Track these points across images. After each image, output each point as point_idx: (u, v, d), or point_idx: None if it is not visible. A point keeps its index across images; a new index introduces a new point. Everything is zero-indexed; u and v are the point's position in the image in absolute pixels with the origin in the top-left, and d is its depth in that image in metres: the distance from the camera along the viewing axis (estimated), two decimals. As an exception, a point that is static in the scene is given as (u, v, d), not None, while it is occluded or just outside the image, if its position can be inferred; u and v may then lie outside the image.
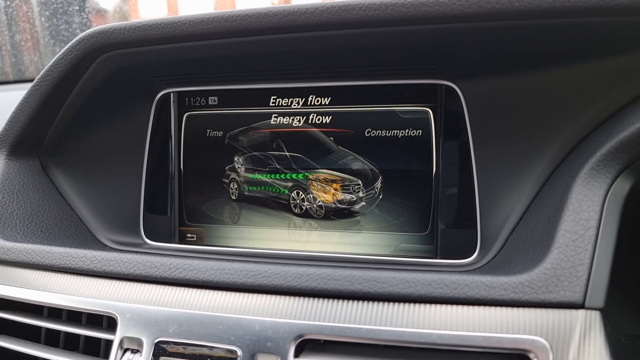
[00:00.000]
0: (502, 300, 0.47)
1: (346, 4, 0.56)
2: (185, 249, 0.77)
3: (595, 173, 0.50)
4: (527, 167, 0.62)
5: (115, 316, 0.57)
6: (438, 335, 0.47)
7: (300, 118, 0.72)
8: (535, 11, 0.51)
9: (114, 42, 0.65)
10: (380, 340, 0.48)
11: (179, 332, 0.54)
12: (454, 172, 0.66)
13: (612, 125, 0.54)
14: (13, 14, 1.62)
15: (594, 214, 0.48)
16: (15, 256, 0.65)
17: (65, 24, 1.60)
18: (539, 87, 0.61)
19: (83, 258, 0.62)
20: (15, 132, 0.73)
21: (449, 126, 0.66)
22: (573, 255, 0.47)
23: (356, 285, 0.51)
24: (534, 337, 0.45)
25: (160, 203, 0.79)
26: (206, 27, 0.61)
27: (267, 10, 0.59)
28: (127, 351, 0.56)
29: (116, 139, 0.79)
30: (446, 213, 0.66)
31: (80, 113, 0.74)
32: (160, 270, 0.58)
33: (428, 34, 0.58)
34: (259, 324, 0.52)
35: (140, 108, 0.78)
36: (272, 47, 0.64)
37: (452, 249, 0.66)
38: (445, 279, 0.49)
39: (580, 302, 0.45)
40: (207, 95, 0.76)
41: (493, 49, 0.59)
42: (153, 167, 0.79)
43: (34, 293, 0.62)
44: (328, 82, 0.71)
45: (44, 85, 0.69)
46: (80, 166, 0.79)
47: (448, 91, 0.66)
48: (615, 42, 0.54)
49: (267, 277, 0.54)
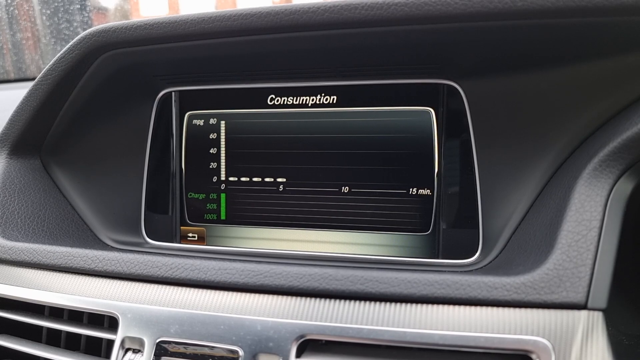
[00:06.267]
0: (504, 300, 0.47)
1: (348, 4, 0.56)
2: (187, 249, 0.77)
3: (598, 173, 0.50)
4: (530, 167, 0.62)
5: (116, 316, 0.56)
6: (440, 335, 0.47)
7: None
8: (538, 11, 0.51)
9: (115, 41, 0.65)
10: (382, 340, 0.48)
11: (181, 332, 0.54)
12: (456, 172, 0.66)
13: (615, 125, 0.53)
14: (14, 13, 1.62)
15: (597, 214, 0.48)
16: (16, 255, 0.65)
17: (66, 23, 1.60)
18: (542, 86, 0.60)
19: (84, 257, 0.61)
20: (17, 131, 0.73)
21: (451, 126, 0.66)
22: (575, 255, 0.47)
23: (358, 285, 0.50)
24: (536, 337, 0.45)
25: (162, 202, 0.79)
26: (207, 26, 0.61)
27: (269, 10, 0.59)
28: (129, 351, 0.56)
29: (117, 138, 0.79)
30: (448, 213, 0.66)
31: (82, 112, 0.74)
32: (161, 270, 0.58)
33: (430, 34, 0.57)
34: (261, 324, 0.51)
35: (142, 107, 0.78)
36: (273, 46, 0.64)
37: (454, 249, 0.66)
38: (447, 279, 0.49)
39: (583, 303, 0.45)
40: (208, 95, 0.76)
41: (495, 49, 0.59)
42: (154, 166, 0.79)
43: (35, 292, 0.62)
44: (330, 81, 0.71)
45: (45, 84, 0.69)
46: (81, 165, 0.79)
47: (450, 91, 0.66)
48: (618, 42, 0.54)
49: (269, 277, 0.54)
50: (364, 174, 0.70)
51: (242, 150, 0.75)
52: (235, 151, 0.75)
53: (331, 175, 0.71)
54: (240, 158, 0.75)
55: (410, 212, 0.68)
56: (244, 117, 0.75)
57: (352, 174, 0.70)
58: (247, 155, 0.75)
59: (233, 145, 0.75)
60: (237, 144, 0.75)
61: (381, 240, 0.69)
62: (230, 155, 0.75)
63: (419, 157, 0.67)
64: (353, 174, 0.70)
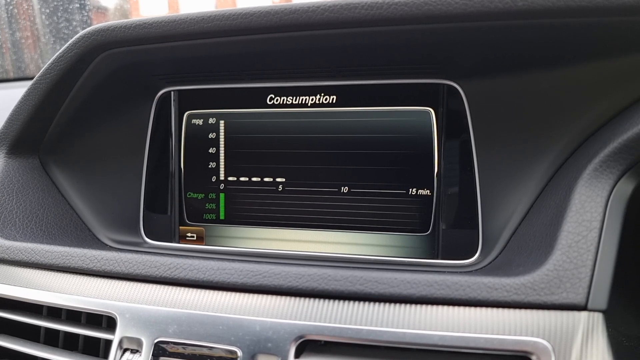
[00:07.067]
0: (504, 301, 0.47)
1: (348, 3, 0.56)
2: (186, 249, 0.77)
3: (598, 174, 0.50)
4: (530, 168, 0.62)
5: (114, 316, 0.56)
6: (439, 336, 0.47)
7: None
8: (538, 11, 0.51)
9: (114, 40, 0.65)
10: (382, 341, 0.48)
11: (179, 332, 0.53)
12: (456, 172, 0.66)
13: (616, 125, 0.53)
14: (14, 12, 1.62)
15: (597, 215, 0.48)
16: (14, 255, 0.65)
17: (65, 22, 1.60)
18: (542, 87, 0.60)
19: (83, 257, 0.61)
20: (15, 130, 0.72)
21: (451, 126, 0.66)
22: (576, 256, 0.47)
23: (357, 285, 0.50)
24: (536, 338, 0.45)
25: (161, 202, 0.79)
26: (207, 25, 0.61)
27: (269, 9, 0.58)
28: (127, 351, 0.56)
29: (116, 138, 0.79)
30: (448, 213, 0.66)
31: (80, 111, 0.74)
32: (160, 269, 0.58)
33: (430, 34, 0.57)
34: (260, 324, 0.51)
35: (141, 106, 0.78)
36: (273, 46, 0.63)
37: (454, 250, 0.66)
38: (446, 280, 0.49)
39: (583, 304, 0.45)
40: (208, 94, 0.76)
41: (496, 49, 0.59)
42: (153, 166, 0.79)
43: (33, 292, 0.61)
44: (329, 81, 0.70)
45: (44, 83, 0.69)
46: (80, 165, 0.79)
47: (450, 91, 0.66)
48: (619, 42, 0.54)
49: (268, 277, 0.53)
50: (363, 174, 0.69)
51: (242, 150, 0.75)
52: (235, 151, 0.75)
53: (330, 175, 0.70)
54: (239, 158, 0.75)
55: (409, 213, 0.68)
56: (243, 116, 0.74)
57: (351, 174, 0.70)
58: (246, 155, 0.74)
59: (232, 144, 0.75)
60: (236, 144, 0.75)
61: (380, 240, 0.69)
62: (230, 155, 0.75)
63: (418, 157, 0.67)
64: (352, 174, 0.70)
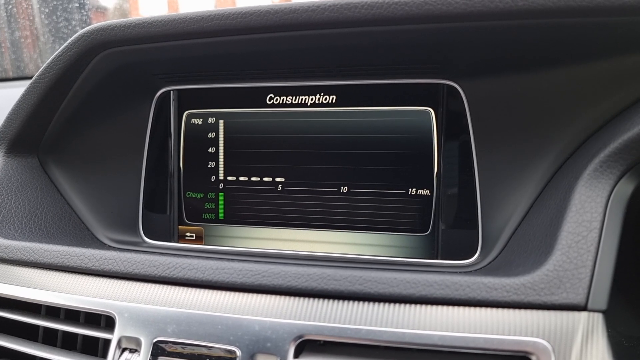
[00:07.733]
0: (504, 301, 0.47)
1: (348, 2, 0.56)
2: (185, 248, 0.77)
3: (599, 174, 0.50)
4: (530, 168, 0.62)
5: (113, 315, 0.56)
6: (439, 336, 0.47)
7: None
8: (539, 11, 0.51)
9: (113, 39, 0.65)
10: (381, 341, 0.48)
11: (178, 331, 0.53)
12: (456, 172, 0.66)
13: (616, 126, 0.53)
14: (13, 11, 1.61)
15: (597, 215, 0.48)
16: (13, 254, 0.64)
17: (64, 21, 1.59)
18: (542, 87, 0.60)
19: (81, 256, 0.61)
20: (14, 130, 0.72)
21: (451, 126, 0.66)
22: (575, 257, 0.47)
23: (357, 285, 0.50)
24: (536, 339, 0.45)
25: (160, 201, 0.78)
26: (206, 24, 0.61)
27: (269, 8, 0.58)
28: (125, 351, 0.55)
29: (115, 137, 0.79)
30: (447, 213, 0.66)
31: (79, 111, 0.74)
32: (159, 269, 0.57)
33: (430, 33, 0.57)
34: (259, 324, 0.51)
35: (140, 106, 0.78)
36: (272, 45, 0.63)
37: (453, 250, 0.66)
38: (446, 280, 0.49)
39: (583, 304, 0.45)
40: (207, 94, 0.76)
41: (496, 49, 0.59)
42: (152, 165, 0.79)
43: (31, 291, 0.61)
44: (329, 81, 0.70)
45: (43, 82, 0.69)
46: (79, 164, 0.79)
47: (450, 91, 0.66)
48: (619, 42, 0.54)
49: (267, 277, 0.53)
50: (363, 174, 0.69)
51: (241, 149, 0.75)
52: (234, 150, 0.75)
53: (330, 175, 0.70)
54: (238, 157, 0.75)
55: (409, 213, 0.68)
56: (243, 116, 0.74)
57: (351, 174, 0.70)
58: (245, 155, 0.74)
59: (231, 144, 0.75)
60: (235, 143, 0.75)
61: (380, 240, 0.69)
62: (229, 155, 0.75)
63: (418, 158, 0.67)
64: (352, 174, 0.70)
